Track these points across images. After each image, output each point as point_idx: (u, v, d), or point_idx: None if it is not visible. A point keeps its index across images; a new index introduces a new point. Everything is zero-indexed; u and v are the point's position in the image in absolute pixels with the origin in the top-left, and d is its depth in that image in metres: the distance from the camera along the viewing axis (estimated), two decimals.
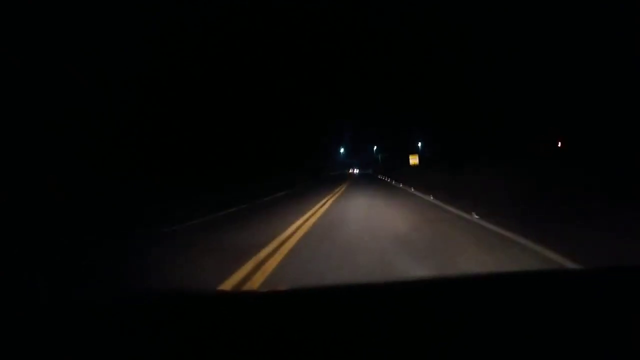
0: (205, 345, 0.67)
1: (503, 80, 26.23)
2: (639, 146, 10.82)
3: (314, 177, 33.74)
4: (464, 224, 5.79)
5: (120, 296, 1.12)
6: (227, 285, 3.08)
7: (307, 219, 6.94)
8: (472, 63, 30.93)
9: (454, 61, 33.53)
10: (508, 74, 25.75)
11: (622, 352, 0.63)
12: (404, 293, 0.97)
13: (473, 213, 6.48)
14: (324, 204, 10.12)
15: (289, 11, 34.14)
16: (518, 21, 25.07)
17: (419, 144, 53.07)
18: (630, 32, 16.25)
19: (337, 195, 13.41)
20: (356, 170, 76.65)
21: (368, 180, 26.68)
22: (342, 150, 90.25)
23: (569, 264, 3.22)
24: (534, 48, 23.42)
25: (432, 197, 10.13)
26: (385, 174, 33.55)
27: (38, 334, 0.74)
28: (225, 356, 0.64)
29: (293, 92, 36.40)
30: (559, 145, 24.74)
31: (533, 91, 23.56)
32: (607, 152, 11.87)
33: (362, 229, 5.78)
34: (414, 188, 13.85)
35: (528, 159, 17.72)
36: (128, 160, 13.57)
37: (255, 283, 3.12)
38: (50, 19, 11.02)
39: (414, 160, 41.71)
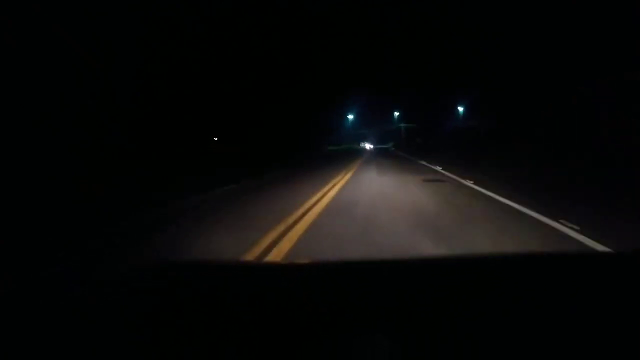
0: (226, 314, 0.67)
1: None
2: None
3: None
4: None
5: (143, 267, 1.09)
6: None
7: None
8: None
9: None
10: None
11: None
12: (420, 271, 0.96)
13: None
14: None
15: None
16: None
17: (460, 109, 37.79)
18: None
19: None
20: (370, 146, 59.19)
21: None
22: (350, 117, 62.57)
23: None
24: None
25: None
26: (415, 153, 24.21)
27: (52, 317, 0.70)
28: (242, 325, 0.64)
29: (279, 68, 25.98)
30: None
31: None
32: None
33: None
34: None
35: None
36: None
37: None
38: (49, 18, 10.93)
39: None
